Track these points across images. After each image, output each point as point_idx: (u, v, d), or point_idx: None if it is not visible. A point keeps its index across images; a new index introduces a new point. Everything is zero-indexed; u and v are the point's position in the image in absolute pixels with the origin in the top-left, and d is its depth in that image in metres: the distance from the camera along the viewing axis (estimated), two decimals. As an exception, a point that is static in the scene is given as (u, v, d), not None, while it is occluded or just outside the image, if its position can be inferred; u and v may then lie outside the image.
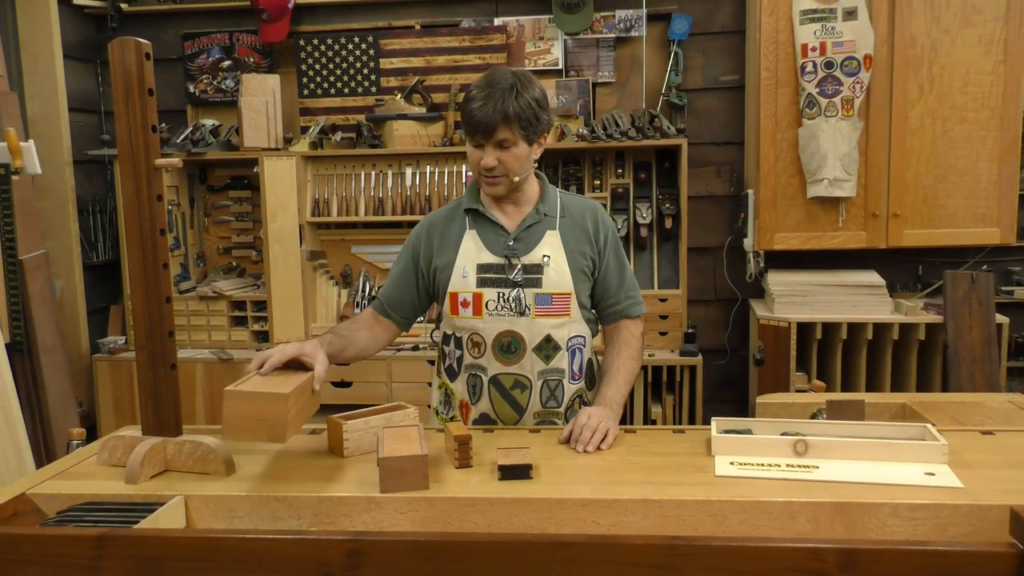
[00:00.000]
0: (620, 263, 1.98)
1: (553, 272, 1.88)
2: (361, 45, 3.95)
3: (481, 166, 1.84)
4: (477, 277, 1.88)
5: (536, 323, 1.87)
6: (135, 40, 1.53)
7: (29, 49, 3.76)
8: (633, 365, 1.96)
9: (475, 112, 1.79)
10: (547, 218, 1.91)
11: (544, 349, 1.89)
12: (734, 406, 3.94)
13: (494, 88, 1.78)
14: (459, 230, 1.93)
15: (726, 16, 3.79)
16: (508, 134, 1.79)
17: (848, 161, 3.23)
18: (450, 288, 1.90)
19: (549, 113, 1.87)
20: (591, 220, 1.94)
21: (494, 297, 1.87)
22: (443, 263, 1.92)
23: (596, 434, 1.70)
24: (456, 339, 1.94)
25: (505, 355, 1.89)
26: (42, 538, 1.31)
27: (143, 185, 1.56)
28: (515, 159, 1.83)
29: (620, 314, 1.99)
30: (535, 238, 1.90)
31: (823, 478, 1.48)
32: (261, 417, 1.41)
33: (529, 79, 1.84)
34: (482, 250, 1.90)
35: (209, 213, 4.16)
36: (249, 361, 1.64)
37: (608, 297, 1.97)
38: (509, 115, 1.77)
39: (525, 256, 1.88)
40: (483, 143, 1.82)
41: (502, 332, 1.88)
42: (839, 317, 3.29)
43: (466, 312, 1.89)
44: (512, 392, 1.91)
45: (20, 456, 2.89)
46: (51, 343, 3.38)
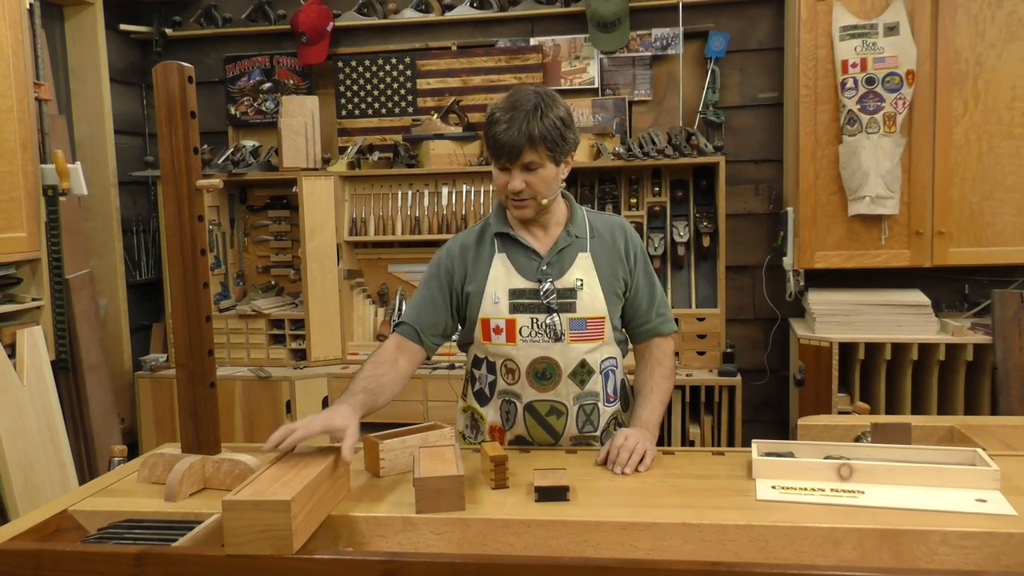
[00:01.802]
0: (650, 280, 1.94)
1: (587, 296, 1.84)
2: (398, 66, 4.00)
3: (508, 190, 1.79)
4: (509, 303, 1.84)
5: (571, 348, 1.84)
6: (178, 64, 1.56)
7: (77, 74, 3.87)
8: (667, 384, 1.93)
9: (500, 135, 1.75)
10: (578, 240, 1.87)
11: (579, 374, 1.85)
12: (774, 427, 3.87)
13: (518, 110, 1.74)
14: (489, 254, 1.89)
15: (764, 33, 3.76)
16: (535, 156, 1.75)
17: (891, 178, 3.17)
18: (481, 314, 1.86)
19: (575, 131, 1.82)
20: (621, 239, 1.91)
21: (527, 323, 1.83)
22: (474, 289, 1.88)
23: (634, 456, 1.68)
24: (489, 363, 1.91)
25: (540, 382, 1.85)
26: (83, 555, 1.33)
27: (185, 206, 1.59)
28: (542, 181, 1.78)
29: (651, 332, 1.95)
30: (567, 261, 1.86)
31: (869, 504, 1.44)
32: (263, 528, 1.27)
33: (552, 98, 1.78)
34: (513, 274, 1.85)
35: (249, 232, 4.22)
36: (288, 380, 1.64)
37: (639, 315, 1.94)
38: (535, 137, 1.73)
39: (558, 280, 1.84)
40: (509, 166, 1.78)
41: (537, 359, 1.84)
42: (883, 337, 3.22)
43: (499, 339, 1.85)
44: (548, 419, 1.87)
45: (64, 471, 2.95)
46: (95, 361, 3.44)
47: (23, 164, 2.94)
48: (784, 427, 3.83)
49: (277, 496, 1.28)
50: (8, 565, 1.34)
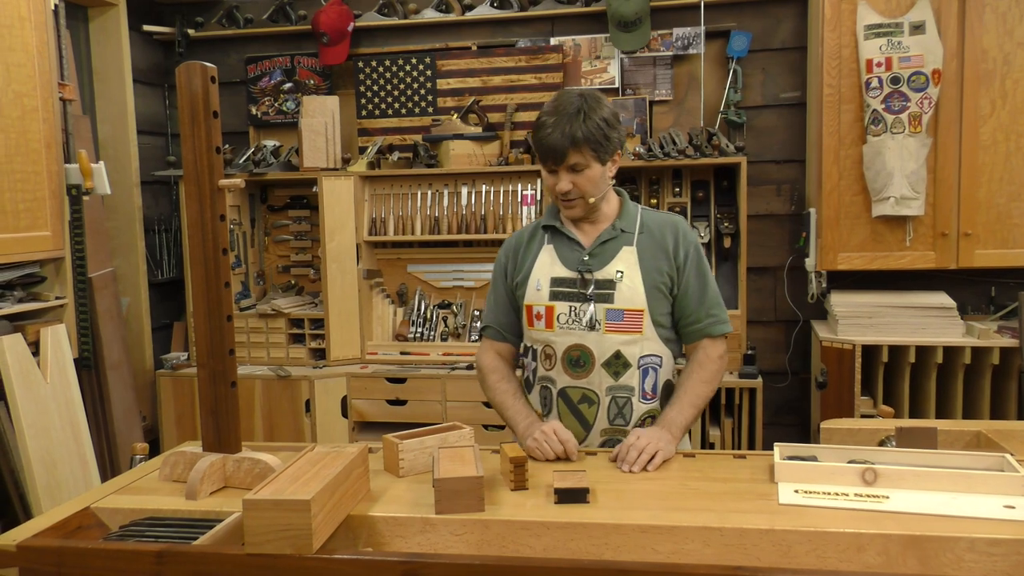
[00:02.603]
0: (702, 279, 1.94)
1: (626, 288, 1.87)
2: (418, 66, 4.00)
3: (556, 191, 1.87)
4: (550, 290, 1.91)
5: (606, 338, 1.87)
6: (201, 64, 1.57)
7: (101, 74, 3.91)
8: (703, 388, 1.91)
9: (545, 139, 1.82)
10: (624, 234, 1.92)
11: (613, 365, 1.87)
12: (795, 430, 3.83)
13: (561, 114, 1.81)
14: (538, 246, 1.98)
15: (786, 32, 3.73)
16: (579, 158, 1.81)
17: (916, 179, 3.13)
18: (526, 301, 1.95)
19: (620, 131, 1.87)
20: (671, 236, 1.92)
21: (565, 310, 1.89)
22: (521, 278, 1.97)
23: (643, 455, 1.69)
24: (532, 351, 1.98)
25: (574, 369, 1.89)
26: (105, 552, 1.33)
27: (207, 205, 1.59)
28: (589, 181, 1.85)
29: (700, 333, 1.94)
30: (610, 254, 1.90)
31: (894, 509, 1.42)
32: (283, 527, 1.27)
33: (597, 99, 1.84)
34: (556, 264, 1.92)
35: (269, 232, 4.24)
36: (307, 379, 1.65)
37: (688, 315, 1.94)
38: (578, 139, 1.79)
39: (599, 271, 1.89)
40: (556, 168, 1.85)
41: (572, 346, 1.88)
42: (907, 340, 3.18)
43: (539, 324, 1.92)
44: (579, 406, 1.90)
45: (86, 469, 2.97)
46: (117, 359, 3.47)
47: (47, 164, 2.97)
48: (805, 430, 3.80)
49: (297, 496, 1.29)
50: (31, 562, 1.35)
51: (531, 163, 3.77)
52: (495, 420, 3.60)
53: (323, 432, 3.74)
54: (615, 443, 1.89)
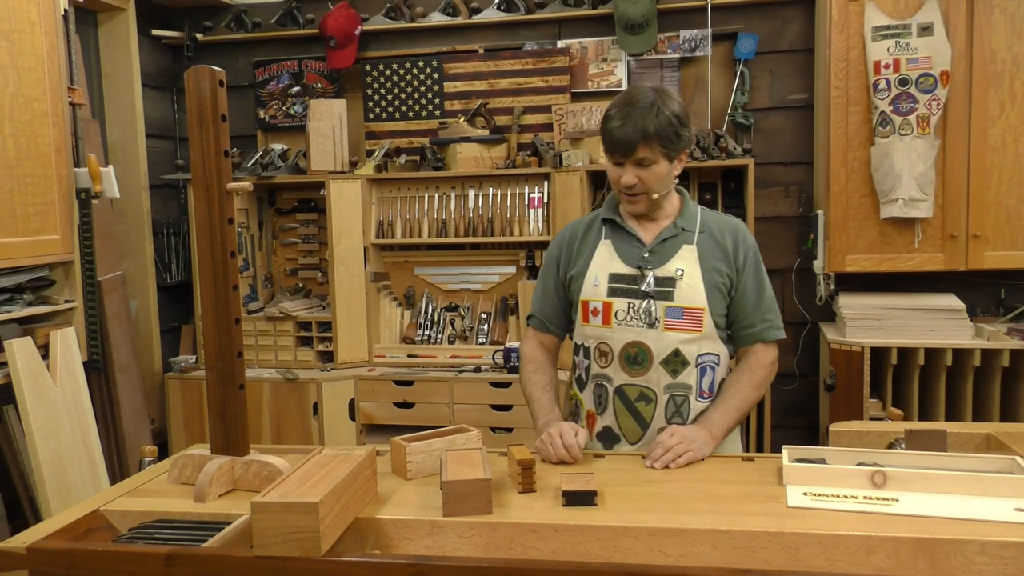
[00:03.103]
0: (759, 284, 1.92)
1: (686, 286, 1.85)
2: (425, 69, 4.01)
3: (621, 184, 1.85)
4: (608, 286, 1.89)
5: (665, 336, 1.85)
6: (210, 68, 1.58)
7: (110, 78, 3.93)
8: (750, 393, 1.89)
9: (614, 131, 1.80)
10: (684, 232, 1.90)
11: (672, 363, 1.85)
12: (803, 433, 3.82)
13: (633, 107, 1.79)
14: (595, 239, 1.96)
15: (794, 34, 3.72)
16: (648, 152, 1.80)
17: (924, 180, 3.12)
18: (582, 296, 1.92)
19: (690, 129, 1.86)
20: (731, 238, 1.91)
21: (624, 307, 1.87)
22: (576, 272, 1.95)
23: (669, 454, 1.69)
24: (585, 349, 1.95)
25: (632, 366, 1.87)
26: (114, 554, 1.34)
27: (215, 208, 1.60)
28: (655, 177, 1.83)
29: (754, 337, 1.92)
30: (670, 251, 1.88)
31: (904, 512, 1.41)
32: (292, 529, 1.28)
33: (669, 96, 1.83)
34: (615, 259, 1.90)
35: (277, 235, 4.25)
36: (315, 382, 1.65)
37: (743, 318, 1.92)
38: (649, 133, 1.77)
39: (658, 268, 1.87)
40: (623, 161, 1.83)
41: (630, 343, 1.86)
42: (916, 342, 3.16)
43: (596, 320, 1.90)
44: (636, 404, 1.88)
45: (95, 471, 2.98)
46: (126, 362, 3.49)
47: (57, 167, 2.98)
48: (814, 432, 3.78)
49: (305, 498, 1.29)
50: (41, 564, 1.35)
51: (538, 166, 3.77)
52: (502, 423, 3.60)
53: (331, 435, 3.74)
54: None
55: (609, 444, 1.92)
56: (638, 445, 1.89)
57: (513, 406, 3.58)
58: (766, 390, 1.95)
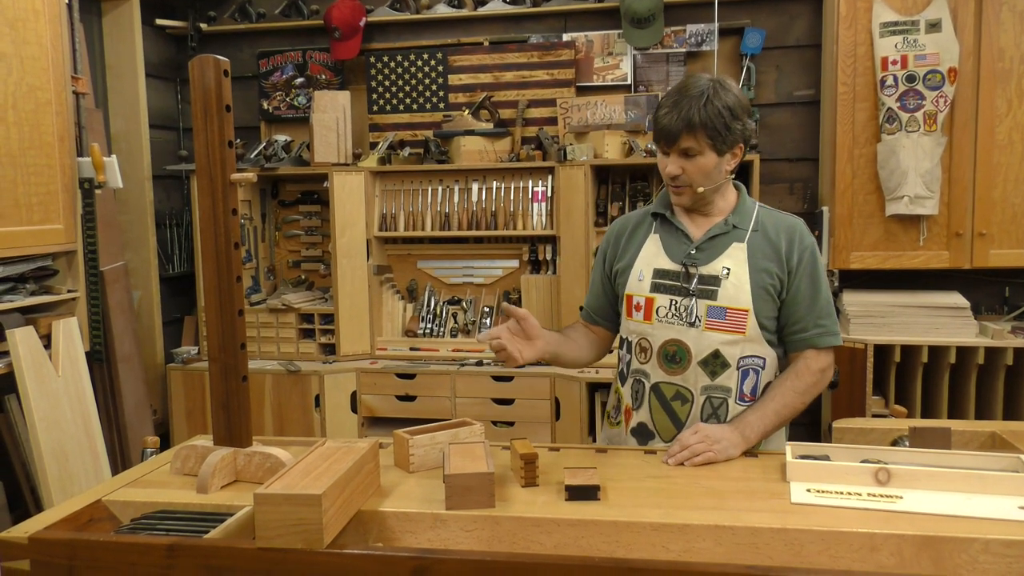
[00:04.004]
0: (815, 286, 1.83)
1: (731, 286, 1.79)
2: (430, 62, 4.00)
3: (665, 174, 1.82)
4: (652, 282, 1.86)
5: (705, 336, 1.80)
6: (214, 58, 1.57)
7: (114, 68, 3.91)
8: (794, 399, 1.81)
9: (661, 119, 1.78)
10: (736, 230, 1.84)
11: (711, 364, 1.81)
12: (805, 429, 3.81)
13: (683, 96, 1.76)
14: (644, 234, 1.93)
15: (801, 30, 3.71)
16: (692, 143, 1.76)
17: (930, 178, 3.11)
18: (627, 290, 1.91)
19: (745, 123, 1.79)
20: (786, 238, 1.83)
21: (666, 304, 1.83)
22: (623, 266, 1.93)
23: (687, 451, 1.67)
24: (628, 343, 1.93)
25: (669, 364, 1.84)
26: (116, 545, 1.33)
27: (219, 199, 1.59)
28: (699, 169, 1.78)
29: (806, 342, 1.84)
30: (718, 249, 1.83)
31: (908, 509, 1.40)
32: (294, 522, 1.27)
33: (725, 87, 1.77)
34: (661, 255, 1.87)
35: (280, 227, 4.24)
36: (317, 374, 1.64)
37: (795, 322, 1.84)
38: (694, 123, 1.73)
39: (704, 266, 1.82)
40: (668, 150, 1.80)
41: (668, 340, 1.83)
42: (920, 340, 3.16)
43: (638, 316, 1.88)
44: (672, 403, 1.85)
45: (97, 462, 2.98)
46: (128, 352, 3.49)
47: (60, 157, 2.98)
48: (816, 429, 3.77)
49: (308, 490, 1.28)
50: (43, 554, 1.35)
51: (542, 160, 3.76)
52: (504, 417, 3.60)
53: (332, 427, 3.74)
54: None
55: (643, 440, 1.90)
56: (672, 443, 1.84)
57: (515, 400, 3.58)
58: (813, 399, 1.86)
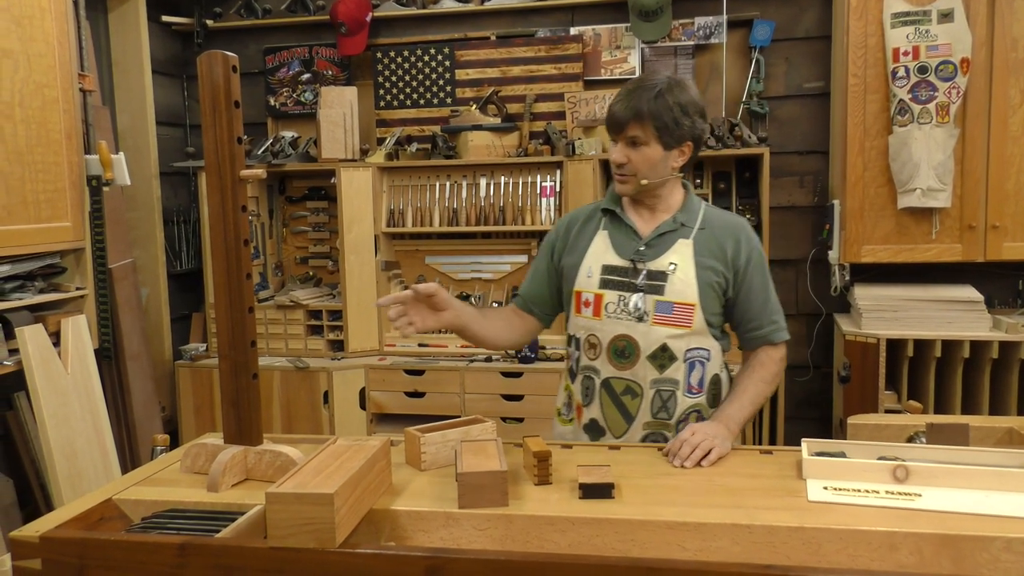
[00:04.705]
0: (765, 286, 1.90)
1: (678, 281, 1.84)
2: (437, 56, 3.98)
3: (612, 160, 1.87)
4: (600, 278, 1.88)
5: (653, 330, 1.84)
6: (223, 53, 1.55)
7: (120, 65, 3.91)
8: (764, 388, 1.89)
9: (612, 106, 1.84)
10: (683, 228, 1.88)
11: (659, 358, 1.84)
12: (817, 425, 3.79)
13: (638, 88, 1.81)
14: (593, 229, 1.95)
15: (810, 21, 3.67)
16: (639, 132, 1.80)
17: (943, 170, 3.08)
18: (575, 287, 1.92)
19: (697, 121, 1.83)
20: (731, 239, 1.88)
21: (614, 299, 1.86)
22: (572, 261, 1.94)
23: (696, 451, 1.66)
24: (576, 340, 1.94)
25: (619, 359, 1.86)
26: (127, 544, 1.33)
27: (228, 196, 1.58)
28: (645, 160, 1.82)
29: (762, 339, 1.91)
30: (665, 245, 1.87)
31: (927, 507, 1.38)
32: (306, 521, 1.26)
33: (682, 86, 1.82)
34: (610, 251, 1.90)
35: (287, 223, 4.23)
36: (325, 371, 1.63)
37: (750, 320, 1.90)
38: (642, 113, 1.78)
39: (651, 262, 1.86)
40: (616, 138, 1.85)
41: (618, 336, 1.86)
42: (933, 334, 3.13)
43: (587, 312, 1.90)
44: (623, 398, 1.87)
45: (106, 459, 2.98)
46: (137, 349, 3.48)
47: (68, 154, 2.97)
48: (827, 424, 3.76)
49: (320, 489, 1.27)
50: (54, 553, 1.34)
51: (550, 154, 3.74)
52: (514, 413, 3.59)
53: (341, 424, 3.74)
54: (658, 437, 1.87)
55: (595, 436, 1.92)
56: (623, 438, 1.88)
57: (524, 396, 3.57)
58: (778, 384, 1.96)
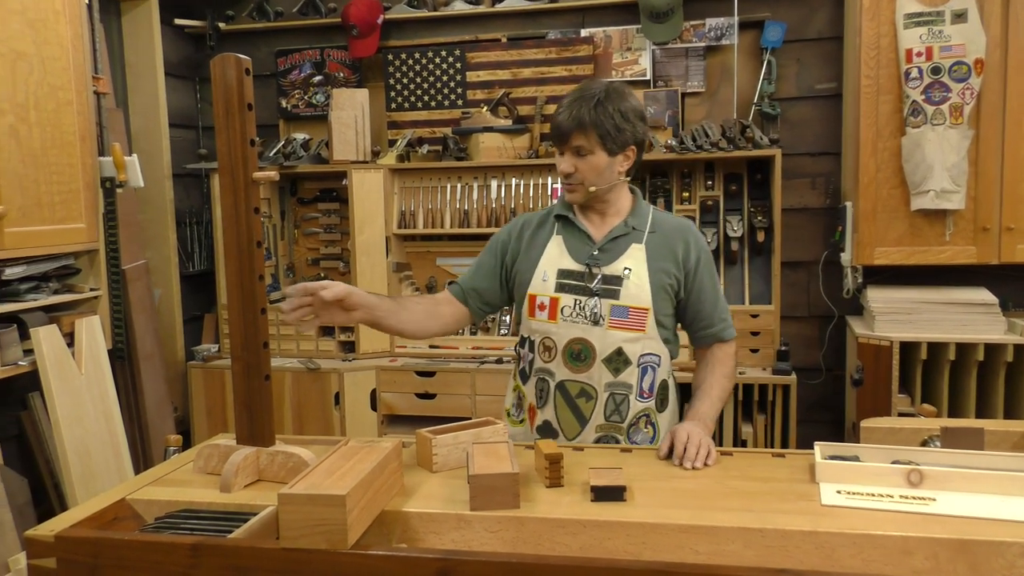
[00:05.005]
0: (714, 285, 1.97)
1: (633, 286, 1.88)
2: (448, 59, 3.98)
3: (559, 171, 1.90)
4: (556, 282, 1.91)
5: (609, 334, 1.87)
6: (236, 56, 1.56)
7: (133, 68, 3.93)
8: (727, 383, 1.96)
9: (555, 118, 1.87)
10: (635, 232, 1.93)
11: (614, 362, 1.88)
12: (829, 428, 3.77)
13: (578, 98, 1.84)
14: (547, 234, 1.97)
15: (822, 22, 3.66)
16: (584, 141, 1.83)
17: (956, 172, 3.06)
18: (530, 290, 1.94)
19: (636, 126, 1.87)
20: (681, 240, 1.93)
21: (570, 303, 1.89)
22: (526, 265, 1.96)
23: (701, 450, 1.68)
24: (530, 342, 1.97)
25: (574, 362, 1.89)
26: (141, 544, 1.33)
27: (241, 198, 1.59)
28: (592, 168, 1.86)
29: (714, 337, 1.98)
30: (619, 250, 1.91)
31: (941, 512, 1.38)
32: (318, 522, 1.26)
33: (620, 93, 1.86)
34: (565, 256, 1.92)
35: (299, 225, 4.25)
36: (336, 372, 1.64)
37: (701, 319, 1.96)
38: (585, 123, 1.81)
39: (607, 267, 1.89)
40: (561, 149, 1.88)
41: (573, 339, 1.89)
42: (947, 336, 3.10)
43: (542, 315, 1.92)
44: (577, 400, 1.90)
45: (119, 459, 3.00)
46: (150, 350, 3.50)
47: (82, 156, 2.99)
48: (839, 428, 3.73)
49: (332, 490, 1.27)
50: (68, 552, 1.35)
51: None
52: (524, 414, 3.58)
53: (352, 425, 3.74)
54: (609, 439, 1.90)
55: (547, 438, 1.93)
56: (576, 440, 1.90)
57: (535, 398, 3.56)
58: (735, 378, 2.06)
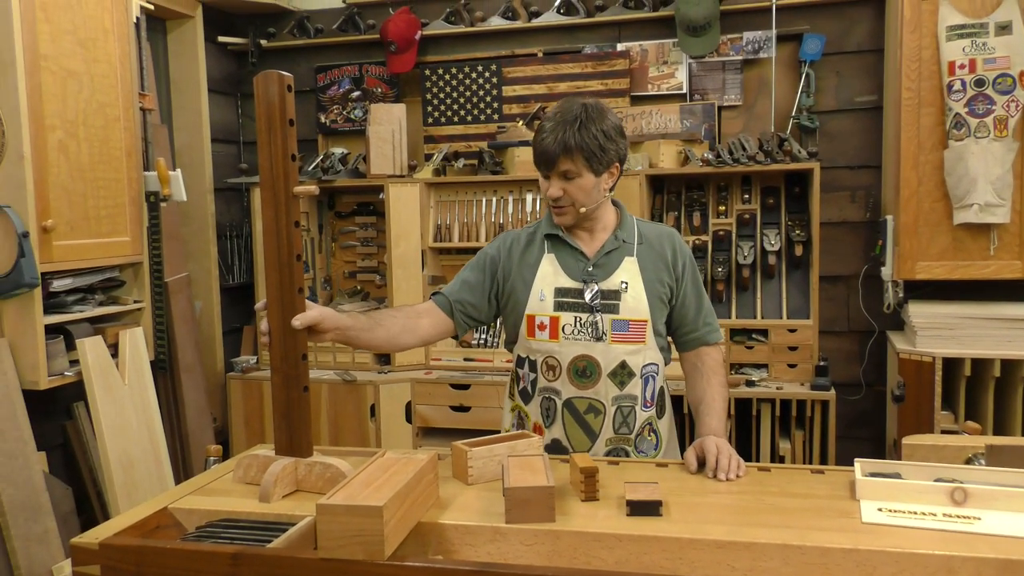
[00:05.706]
0: (697, 290, 1.99)
1: (631, 299, 1.89)
2: (484, 73, 4.01)
3: (548, 196, 1.89)
4: (554, 301, 1.91)
5: (612, 349, 1.88)
6: (278, 73, 1.59)
7: (178, 84, 4.03)
8: (726, 392, 1.97)
9: (539, 144, 1.85)
10: (625, 244, 1.94)
11: (619, 375, 1.89)
12: (869, 445, 3.70)
13: (559, 121, 1.83)
14: (538, 254, 1.97)
15: (862, 34, 3.62)
16: (570, 165, 1.83)
17: (1001, 185, 3.00)
18: (527, 311, 1.93)
19: (618, 143, 1.87)
20: (669, 247, 1.96)
21: (571, 321, 1.89)
22: (520, 284, 1.96)
23: (732, 461, 1.68)
24: (531, 362, 1.96)
25: (580, 379, 1.90)
26: (183, 553, 1.36)
27: (282, 212, 1.61)
28: (580, 190, 1.86)
29: (699, 341, 1.99)
30: (613, 264, 1.92)
31: (986, 531, 1.35)
32: (356, 532, 1.27)
33: (599, 111, 1.85)
34: (560, 274, 1.93)
35: (336, 238, 4.30)
36: (372, 384, 1.64)
37: (687, 324, 1.99)
38: (571, 147, 1.80)
39: (603, 282, 1.90)
40: (548, 174, 1.87)
41: (578, 356, 1.89)
42: (992, 353, 3.04)
43: (542, 335, 1.92)
44: (586, 417, 1.91)
45: (161, 468, 3.05)
46: (191, 361, 3.56)
47: (128, 171, 3.07)
48: (880, 444, 3.67)
49: (370, 501, 1.29)
50: (112, 560, 1.38)
51: (597, 170, 3.73)
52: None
53: (387, 437, 3.77)
54: (619, 452, 1.91)
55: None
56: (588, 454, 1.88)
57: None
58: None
